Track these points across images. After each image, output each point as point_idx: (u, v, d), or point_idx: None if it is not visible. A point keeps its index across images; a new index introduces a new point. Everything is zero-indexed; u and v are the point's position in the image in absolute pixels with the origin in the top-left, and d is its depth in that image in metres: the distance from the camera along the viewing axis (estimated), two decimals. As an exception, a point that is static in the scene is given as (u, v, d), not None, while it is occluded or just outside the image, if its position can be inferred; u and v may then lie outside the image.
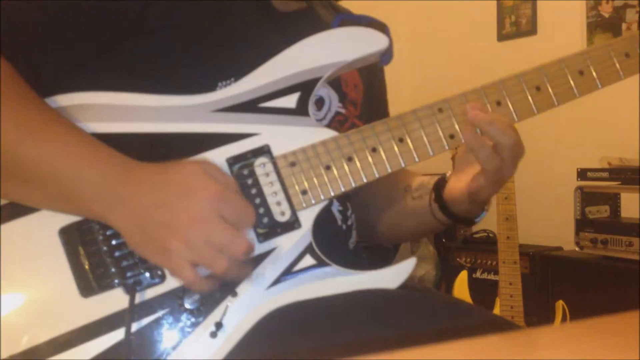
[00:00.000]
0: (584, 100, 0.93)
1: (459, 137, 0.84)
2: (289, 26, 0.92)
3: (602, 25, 2.88)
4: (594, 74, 0.86)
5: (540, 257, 2.61)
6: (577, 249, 2.48)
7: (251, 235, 0.78)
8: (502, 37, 3.33)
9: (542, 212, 3.04)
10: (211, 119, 0.80)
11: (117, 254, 0.77)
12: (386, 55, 0.86)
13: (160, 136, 0.80)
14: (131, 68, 0.83)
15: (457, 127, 0.84)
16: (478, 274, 2.86)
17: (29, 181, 0.75)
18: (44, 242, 0.76)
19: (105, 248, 0.77)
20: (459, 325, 0.80)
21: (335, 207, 0.93)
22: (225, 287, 0.77)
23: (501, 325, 0.83)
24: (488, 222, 3.08)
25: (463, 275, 2.63)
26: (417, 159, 0.84)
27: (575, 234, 2.48)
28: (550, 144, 3.08)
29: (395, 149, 0.83)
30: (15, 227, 0.76)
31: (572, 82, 0.86)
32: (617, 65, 0.86)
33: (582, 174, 2.50)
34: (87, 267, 0.76)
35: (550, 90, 0.85)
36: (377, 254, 0.91)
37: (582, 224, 2.47)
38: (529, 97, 0.85)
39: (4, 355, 0.73)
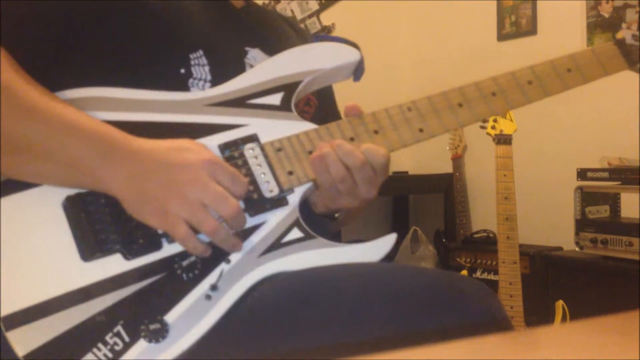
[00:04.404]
0: (584, 101, 0.98)
1: (429, 130, 0.94)
2: (243, 21, 1.04)
3: (602, 25, 2.88)
4: (540, 84, 0.98)
5: (540, 257, 2.61)
6: (577, 249, 2.48)
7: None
8: (502, 37, 3.33)
9: (542, 212, 3.04)
10: (204, 112, 0.89)
11: (118, 221, 0.82)
12: (358, 70, 0.96)
13: (158, 124, 0.87)
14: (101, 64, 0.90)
15: (425, 123, 0.94)
16: (478, 274, 2.86)
17: (37, 154, 0.80)
18: (48, 209, 0.81)
19: (107, 215, 0.82)
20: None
21: None
22: (219, 254, 0.83)
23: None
24: (488, 222, 3.09)
25: (463, 275, 2.63)
26: (390, 149, 0.92)
27: (575, 234, 2.48)
28: (550, 144, 3.08)
29: (371, 139, 0.91)
30: (23, 197, 0.81)
31: (523, 90, 0.97)
32: (560, 78, 0.98)
33: (582, 174, 2.50)
34: (88, 232, 0.81)
35: (504, 95, 0.96)
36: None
37: (582, 224, 2.47)
38: (487, 102, 0.95)
39: (3, 313, 0.76)
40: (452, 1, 3.54)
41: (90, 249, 0.81)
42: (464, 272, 2.72)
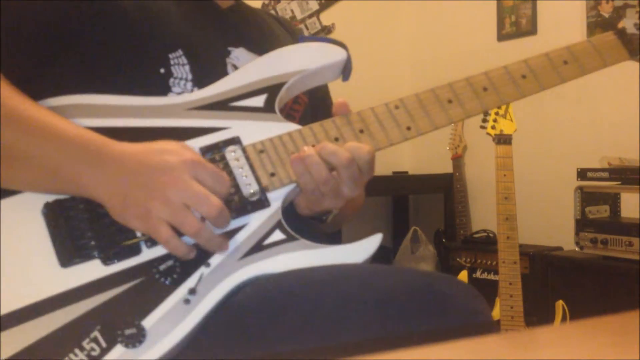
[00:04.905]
0: (584, 101, 0.97)
1: (417, 127, 0.91)
2: (228, 21, 1.04)
3: (602, 25, 2.88)
4: (534, 78, 0.96)
5: (540, 257, 2.61)
6: (577, 249, 2.48)
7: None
8: (502, 37, 3.33)
9: (542, 212, 3.04)
10: (186, 116, 0.88)
11: (97, 226, 0.82)
12: (346, 70, 0.94)
13: (141, 130, 0.87)
14: (89, 71, 0.91)
15: (413, 120, 0.92)
16: (478, 274, 2.86)
17: (17, 161, 0.80)
18: (27, 216, 0.81)
19: (86, 221, 0.82)
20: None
21: None
22: (199, 258, 0.82)
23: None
24: (488, 222, 3.09)
25: (463, 275, 2.63)
26: (376, 147, 0.91)
27: (575, 234, 2.48)
28: (550, 144, 3.08)
29: (356, 138, 0.90)
30: (1, 205, 0.80)
31: (517, 84, 0.96)
32: (556, 71, 0.97)
33: (582, 174, 2.50)
34: (67, 238, 0.81)
35: (497, 90, 0.95)
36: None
37: (582, 224, 2.47)
38: (478, 97, 0.94)
39: None
40: (452, 1, 3.54)
41: (69, 254, 0.80)
42: (464, 272, 2.72)
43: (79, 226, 0.81)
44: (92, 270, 0.80)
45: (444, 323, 0.74)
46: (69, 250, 0.80)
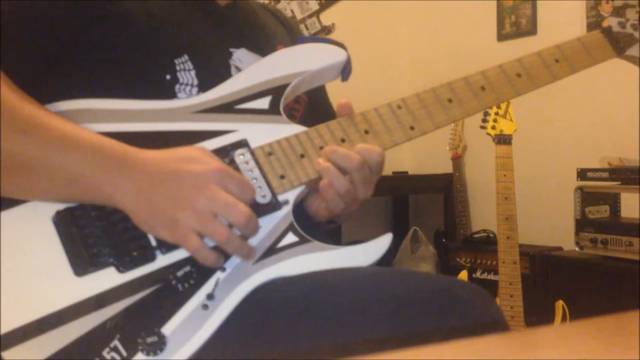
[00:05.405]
0: (584, 101, 0.98)
1: (419, 127, 0.92)
2: (227, 20, 1.04)
3: (602, 25, 2.89)
4: (528, 77, 0.98)
5: (540, 257, 2.61)
6: (577, 249, 2.48)
7: None
8: (502, 37, 3.33)
9: (542, 212, 3.04)
10: (193, 119, 0.88)
11: (110, 233, 0.81)
12: (346, 70, 0.95)
13: (147, 134, 0.86)
14: (94, 75, 0.90)
15: (416, 120, 0.93)
16: (478, 274, 2.86)
17: (36, 171, 0.78)
18: (38, 225, 0.80)
19: (98, 228, 0.81)
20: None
21: None
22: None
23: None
24: (488, 222, 3.09)
25: (463, 275, 2.63)
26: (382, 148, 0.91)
27: (575, 234, 2.48)
28: (550, 144, 3.08)
29: (362, 139, 0.90)
30: (12, 214, 0.80)
31: (512, 83, 0.97)
32: (549, 69, 0.99)
33: (582, 174, 2.50)
34: (80, 247, 0.80)
35: (494, 89, 0.96)
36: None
37: (582, 224, 2.47)
38: (476, 96, 0.96)
39: None
40: (452, 1, 3.54)
41: (83, 263, 0.79)
42: (464, 272, 2.72)
43: (92, 234, 0.80)
44: (108, 278, 0.79)
45: (462, 326, 0.75)
46: (83, 259, 0.79)
